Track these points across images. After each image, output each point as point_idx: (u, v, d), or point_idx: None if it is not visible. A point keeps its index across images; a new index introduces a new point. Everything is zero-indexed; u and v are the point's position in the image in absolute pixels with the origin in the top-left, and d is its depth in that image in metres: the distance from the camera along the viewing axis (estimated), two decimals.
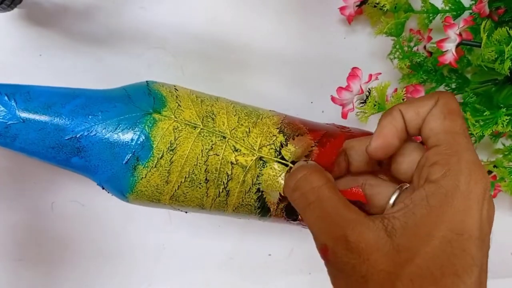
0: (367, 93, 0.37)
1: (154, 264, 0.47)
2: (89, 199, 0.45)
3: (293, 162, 0.33)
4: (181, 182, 0.33)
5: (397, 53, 0.46)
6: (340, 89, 0.37)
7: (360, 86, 0.36)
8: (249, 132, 0.34)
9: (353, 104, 0.37)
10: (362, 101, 0.37)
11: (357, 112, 0.39)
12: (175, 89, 0.35)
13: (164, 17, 0.46)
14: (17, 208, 0.44)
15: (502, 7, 0.43)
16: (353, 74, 0.36)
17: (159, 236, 0.47)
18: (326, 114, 0.49)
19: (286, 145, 0.34)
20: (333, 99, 0.38)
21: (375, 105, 0.37)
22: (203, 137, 0.33)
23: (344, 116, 0.38)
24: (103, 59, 0.45)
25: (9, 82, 0.37)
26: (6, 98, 0.31)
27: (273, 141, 0.34)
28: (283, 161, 0.33)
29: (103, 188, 0.35)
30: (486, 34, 0.36)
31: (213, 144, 0.33)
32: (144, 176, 0.32)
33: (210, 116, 0.34)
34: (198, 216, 0.47)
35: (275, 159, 0.34)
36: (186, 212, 0.37)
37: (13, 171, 0.44)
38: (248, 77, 0.48)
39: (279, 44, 0.49)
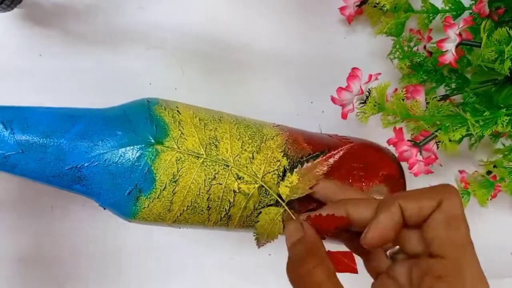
0: (367, 93, 0.37)
1: (155, 264, 0.47)
2: (89, 200, 0.45)
3: (289, 202, 0.33)
4: (183, 210, 0.33)
5: (397, 53, 0.46)
6: (340, 89, 0.37)
7: (360, 87, 0.36)
8: (253, 159, 0.34)
9: (353, 105, 0.37)
10: (362, 102, 0.37)
11: (357, 113, 0.39)
12: (178, 111, 0.34)
13: (164, 17, 0.46)
14: (17, 208, 0.44)
15: (502, 7, 0.43)
16: (353, 74, 0.36)
17: (159, 236, 0.47)
18: (326, 114, 0.49)
19: (291, 170, 0.34)
20: (333, 99, 0.38)
21: (375, 106, 0.37)
22: (206, 166, 0.32)
23: (344, 116, 0.38)
24: (103, 59, 0.45)
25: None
26: (2, 126, 0.30)
27: (277, 166, 0.34)
28: (280, 199, 0.33)
29: (104, 209, 0.34)
30: (486, 34, 0.36)
31: (216, 173, 0.33)
32: (146, 206, 0.32)
33: (213, 143, 0.33)
34: None
35: (277, 186, 0.34)
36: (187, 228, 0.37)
37: None
38: (248, 77, 0.48)
39: (279, 44, 0.49)
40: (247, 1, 0.48)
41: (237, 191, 0.33)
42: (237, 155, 0.33)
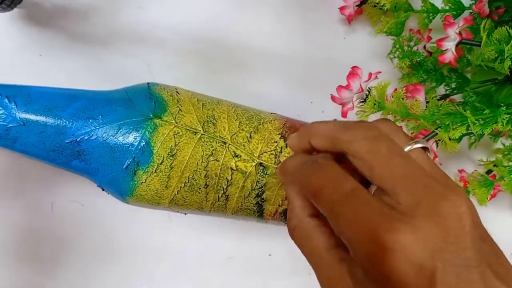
0: (367, 92, 0.37)
1: (154, 264, 0.47)
2: (89, 199, 0.45)
3: None
4: (180, 187, 0.33)
5: (397, 52, 0.46)
6: (340, 88, 0.37)
7: (360, 85, 0.36)
8: (250, 138, 0.34)
9: (353, 103, 0.37)
10: (362, 100, 0.37)
11: (357, 111, 0.39)
12: (177, 92, 0.35)
13: (164, 17, 0.46)
14: (17, 208, 0.44)
15: (502, 6, 0.43)
16: (353, 72, 0.36)
17: (159, 236, 0.47)
18: (326, 114, 0.49)
19: (286, 147, 0.34)
20: (333, 98, 0.38)
21: (374, 104, 0.37)
22: (203, 142, 0.33)
23: (344, 115, 0.38)
24: (103, 59, 0.45)
25: (10, 83, 0.37)
26: (6, 100, 0.31)
27: (274, 147, 0.34)
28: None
29: (103, 190, 0.34)
30: (486, 33, 0.36)
31: (213, 150, 0.33)
32: (144, 181, 0.32)
33: (211, 121, 0.34)
34: (198, 216, 0.47)
35: (275, 166, 0.34)
36: (185, 214, 0.37)
37: (13, 171, 0.44)
38: (248, 77, 0.48)
39: (279, 44, 0.49)
40: (247, 1, 0.48)
41: (235, 168, 0.33)
42: (234, 134, 0.34)
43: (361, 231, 0.21)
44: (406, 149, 0.25)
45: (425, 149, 0.26)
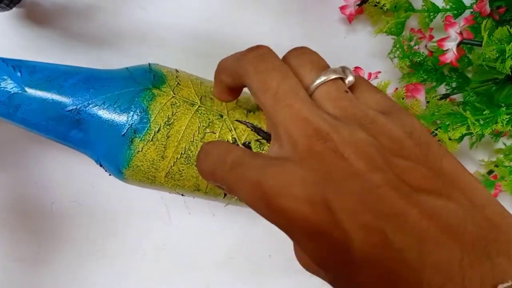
0: None
1: (154, 264, 0.47)
2: (89, 199, 0.45)
3: None
4: (177, 158, 0.33)
5: (397, 52, 0.46)
6: None
7: None
8: (247, 114, 0.34)
9: None
10: None
11: None
12: (176, 71, 0.36)
13: (164, 16, 0.46)
14: (17, 209, 0.44)
15: (503, 6, 0.43)
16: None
17: (159, 236, 0.47)
18: None
19: None
20: None
21: None
22: (200, 114, 0.33)
23: None
24: (103, 59, 0.45)
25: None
26: (12, 69, 0.32)
27: None
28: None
29: (100, 166, 0.35)
30: (487, 33, 0.36)
31: (210, 122, 0.33)
32: (140, 150, 0.32)
33: (208, 95, 0.34)
34: (198, 216, 0.47)
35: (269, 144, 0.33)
36: (182, 195, 0.37)
37: (13, 171, 0.44)
38: None
39: (279, 44, 0.48)
40: (248, 1, 0.48)
41: (231, 142, 0.33)
42: (231, 109, 0.34)
43: (249, 193, 0.20)
44: (313, 85, 0.23)
45: (342, 79, 0.24)
